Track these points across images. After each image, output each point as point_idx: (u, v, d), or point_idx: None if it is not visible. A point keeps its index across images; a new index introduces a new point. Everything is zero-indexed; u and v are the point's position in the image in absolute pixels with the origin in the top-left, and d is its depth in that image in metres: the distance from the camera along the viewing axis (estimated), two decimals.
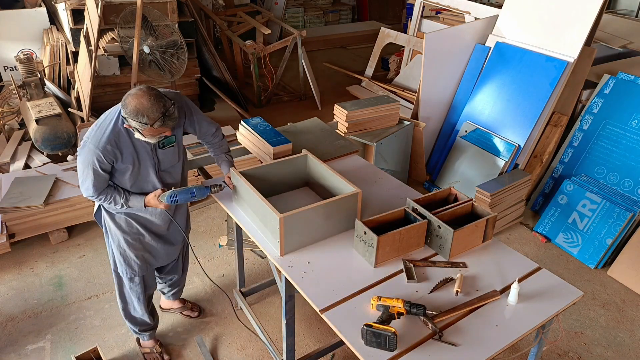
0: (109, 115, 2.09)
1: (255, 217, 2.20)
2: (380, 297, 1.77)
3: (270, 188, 2.39)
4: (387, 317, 1.71)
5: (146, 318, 2.62)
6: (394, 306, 1.73)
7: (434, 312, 1.76)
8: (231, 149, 3.00)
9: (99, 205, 2.35)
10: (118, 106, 2.09)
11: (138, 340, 2.76)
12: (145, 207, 2.24)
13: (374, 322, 1.66)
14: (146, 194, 2.23)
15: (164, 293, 2.91)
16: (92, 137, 2.05)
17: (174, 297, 2.94)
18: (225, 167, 2.43)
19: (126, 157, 2.11)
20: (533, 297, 1.86)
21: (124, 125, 2.04)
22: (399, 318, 1.73)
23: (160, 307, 3.00)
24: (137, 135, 2.04)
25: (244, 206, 2.30)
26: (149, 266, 2.48)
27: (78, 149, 2.11)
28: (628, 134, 3.65)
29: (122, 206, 2.21)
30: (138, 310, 2.59)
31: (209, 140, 2.44)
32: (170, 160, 2.28)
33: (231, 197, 2.39)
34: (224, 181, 2.35)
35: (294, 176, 2.47)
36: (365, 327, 1.65)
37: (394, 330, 1.62)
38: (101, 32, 4.47)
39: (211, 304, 3.10)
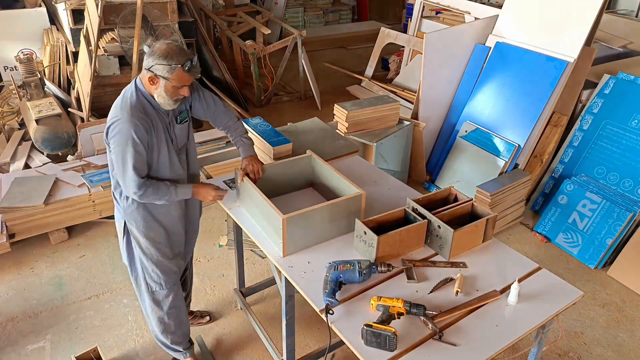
0: (125, 93, 2.06)
1: (258, 217, 2.19)
2: (381, 297, 1.77)
3: (274, 189, 2.38)
4: (387, 317, 1.70)
5: (189, 324, 2.59)
6: (394, 306, 1.73)
7: (434, 312, 1.76)
8: (230, 149, 3.01)
9: (124, 228, 2.25)
10: (130, 85, 2.09)
11: None
12: (193, 194, 2.17)
13: (374, 322, 1.66)
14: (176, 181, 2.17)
15: None
16: (120, 112, 1.99)
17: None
18: (243, 151, 2.36)
19: (155, 126, 2.05)
20: (533, 297, 1.86)
21: (147, 80, 2.01)
22: (399, 318, 1.73)
23: None
24: (158, 92, 2.01)
25: (247, 206, 2.29)
26: (181, 268, 2.45)
27: (110, 133, 2.02)
28: (628, 134, 3.65)
29: (170, 195, 2.11)
30: (184, 320, 2.52)
31: (223, 122, 2.36)
32: (182, 139, 2.23)
33: (233, 197, 2.38)
34: (224, 181, 2.35)
35: (298, 177, 2.47)
36: (365, 327, 1.64)
37: (394, 330, 1.62)
38: (101, 32, 4.47)
39: (211, 304, 3.10)
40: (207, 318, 2.96)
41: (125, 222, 2.25)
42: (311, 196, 2.46)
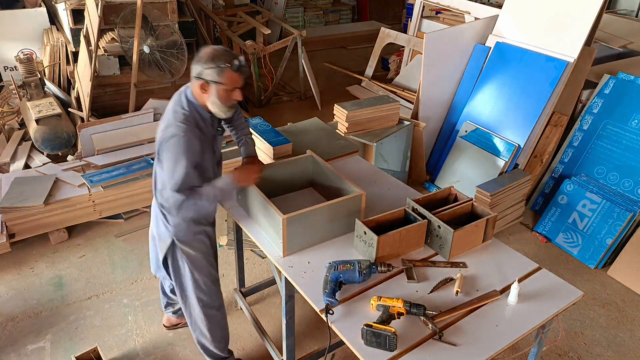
0: (175, 104, 2.01)
1: (258, 217, 2.19)
2: (381, 297, 1.77)
3: (274, 189, 2.38)
4: (387, 317, 1.70)
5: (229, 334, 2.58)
6: (394, 306, 1.73)
7: (433, 312, 1.76)
8: (231, 149, 3.01)
9: (169, 243, 2.22)
10: (177, 96, 2.02)
11: None
12: (234, 182, 2.07)
13: (374, 322, 1.66)
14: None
15: (174, 312, 2.81)
16: (173, 121, 1.94)
17: (182, 313, 2.74)
18: (245, 151, 2.35)
19: (205, 141, 2.01)
20: (533, 297, 1.86)
21: (198, 88, 1.94)
22: (399, 318, 1.73)
23: (165, 326, 2.90)
24: (211, 100, 1.95)
25: (247, 206, 2.29)
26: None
27: (164, 140, 1.94)
28: (628, 134, 3.65)
29: (215, 197, 2.02)
30: (225, 328, 2.51)
31: (235, 125, 2.35)
32: (220, 150, 2.22)
33: (233, 197, 2.38)
34: None
35: (298, 177, 2.47)
36: (365, 327, 1.65)
37: (394, 330, 1.62)
38: (101, 32, 4.47)
39: None
40: None
41: (173, 240, 2.21)
42: (311, 196, 2.46)
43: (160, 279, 2.65)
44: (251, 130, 2.80)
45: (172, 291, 2.64)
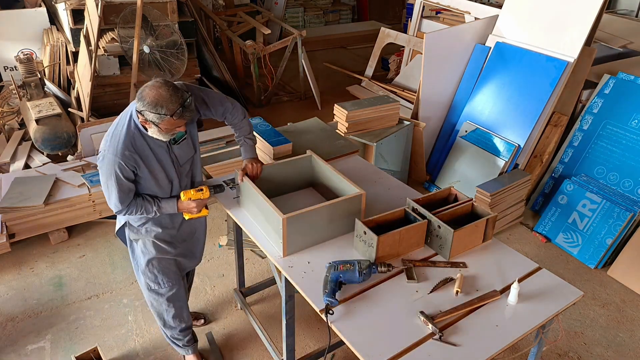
0: (120, 122, 2.05)
1: (258, 217, 2.19)
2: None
3: (274, 189, 2.38)
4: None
5: (190, 322, 2.60)
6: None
7: (433, 313, 1.76)
8: (231, 149, 3.01)
9: (123, 223, 2.30)
10: (127, 110, 2.05)
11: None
12: (178, 210, 2.19)
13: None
14: (172, 197, 2.20)
15: None
16: (108, 147, 2.01)
17: None
18: (245, 152, 2.36)
19: (145, 159, 2.05)
20: (533, 297, 1.86)
21: (140, 121, 1.99)
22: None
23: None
24: (151, 131, 1.99)
25: (247, 206, 2.29)
26: (184, 269, 2.48)
27: (98, 162, 2.07)
28: (628, 134, 3.65)
29: (155, 214, 2.16)
30: (185, 318, 2.53)
31: (230, 120, 2.33)
32: (187, 154, 2.22)
33: (233, 197, 2.38)
34: (224, 181, 2.34)
35: (298, 177, 2.47)
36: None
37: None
38: (101, 32, 4.47)
39: (211, 304, 3.10)
40: (202, 320, 2.96)
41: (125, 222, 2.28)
42: (311, 196, 2.46)
43: None
44: None
45: None
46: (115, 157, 1.98)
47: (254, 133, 2.46)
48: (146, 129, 2.01)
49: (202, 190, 2.18)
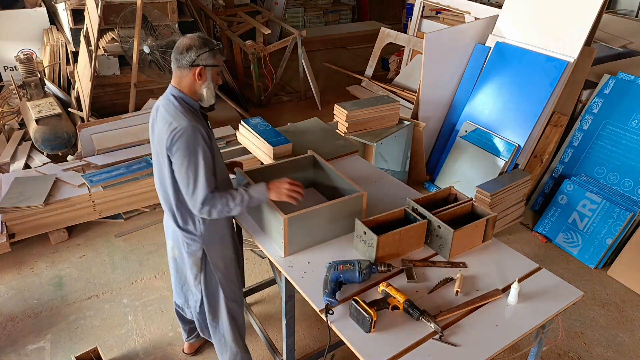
0: (168, 100, 1.94)
1: (259, 217, 2.19)
2: (390, 285, 1.80)
3: None
4: (381, 303, 1.75)
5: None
6: (394, 297, 1.76)
7: (431, 317, 1.76)
8: (231, 149, 3.01)
9: (203, 259, 2.15)
10: (164, 97, 1.98)
11: None
12: (268, 194, 2.00)
13: (363, 301, 1.72)
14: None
15: (197, 336, 2.67)
16: (178, 124, 1.85)
17: (200, 334, 2.57)
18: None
19: (205, 129, 1.94)
20: (533, 297, 1.86)
21: (195, 74, 1.90)
22: (392, 310, 1.76)
23: (186, 353, 2.74)
24: (205, 85, 1.92)
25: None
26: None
27: (175, 146, 1.85)
28: (628, 134, 3.65)
29: (242, 202, 1.95)
30: (243, 335, 2.42)
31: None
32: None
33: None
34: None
35: (299, 177, 2.45)
36: (353, 300, 1.72)
37: (373, 314, 1.67)
38: (101, 32, 4.47)
39: None
40: None
41: (204, 250, 2.14)
42: (313, 196, 2.45)
43: (181, 308, 2.51)
44: (251, 130, 2.80)
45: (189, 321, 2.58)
46: (191, 125, 1.84)
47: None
48: (191, 100, 1.93)
49: None
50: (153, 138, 2.03)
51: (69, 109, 4.53)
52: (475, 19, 4.72)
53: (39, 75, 4.54)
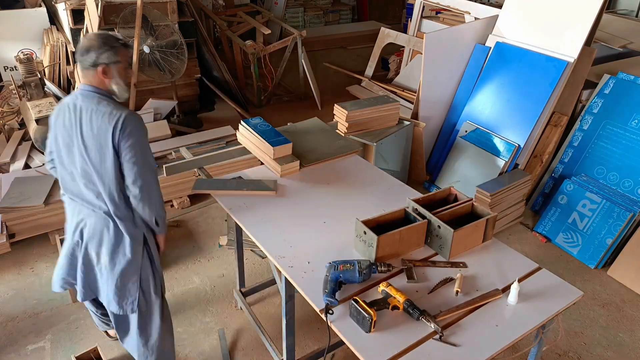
0: (90, 98, 2.00)
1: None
2: (390, 285, 1.80)
3: None
4: (381, 303, 1.75)
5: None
6: (394, 298, 1.76)
7: (431, 316, 1.76)
8: (232, 149, 2.99)
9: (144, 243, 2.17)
10: (79, 96, 2.01)
11: None
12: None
13: (363, 300, 1.72)
14: None
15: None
16: (115, 109, 1.96)
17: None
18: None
19: None
20: (533, 297, 1.86)
21: (99, 74, 1.96)
22: (392, 310, 1.76)
23: (110, 335, 2.79)
24: (114, 82, 1.99)
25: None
26: None
27: (125, 128, 1.93)
28: (628, 134, 3.65)
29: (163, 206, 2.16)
30: (171, 340, 2.39)
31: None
32: None
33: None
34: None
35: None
36: (353, 301, 1.72)
37: (373, 314, 1.67)
38: None
39: (211, 304, 3.10)
40: None
41: (144, 234, 2.17)
42: None
43: (89, 305, 2.50)
44: (251, 130, 2.79)
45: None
46: (131, 111, 2.00)
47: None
48: (105, 91, 2.01)
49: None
50: (77, 139, 2.01)
51: None
52: (475, 19, 4.72)
53: (39, 75, 4.54)
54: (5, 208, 3.39)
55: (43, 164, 4.07)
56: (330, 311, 1.75)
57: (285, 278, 2.02)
